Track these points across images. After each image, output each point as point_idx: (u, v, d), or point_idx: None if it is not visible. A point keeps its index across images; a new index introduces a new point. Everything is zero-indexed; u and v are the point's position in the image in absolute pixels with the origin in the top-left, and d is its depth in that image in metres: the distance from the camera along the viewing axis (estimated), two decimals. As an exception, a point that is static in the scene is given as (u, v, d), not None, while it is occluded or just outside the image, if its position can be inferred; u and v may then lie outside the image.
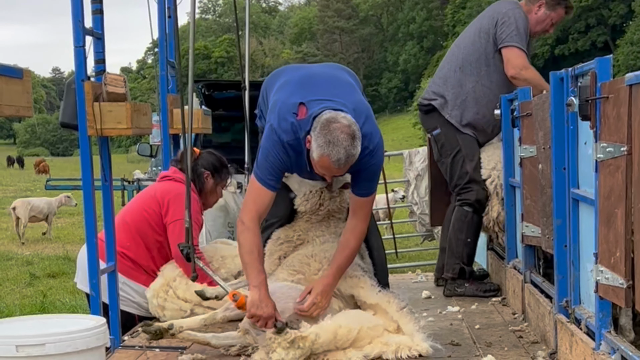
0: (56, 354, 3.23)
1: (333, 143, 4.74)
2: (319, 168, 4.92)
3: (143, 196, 6.37)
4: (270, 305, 4.90)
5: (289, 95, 5.05)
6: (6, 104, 3.64)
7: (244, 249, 5.00)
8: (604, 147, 3.81)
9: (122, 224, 6.08)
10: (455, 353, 5.04)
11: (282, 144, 4.94)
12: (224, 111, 12.06)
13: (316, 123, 4.84)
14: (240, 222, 5.04)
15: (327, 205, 5.50)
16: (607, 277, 3.83)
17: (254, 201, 5.05)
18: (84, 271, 5.80)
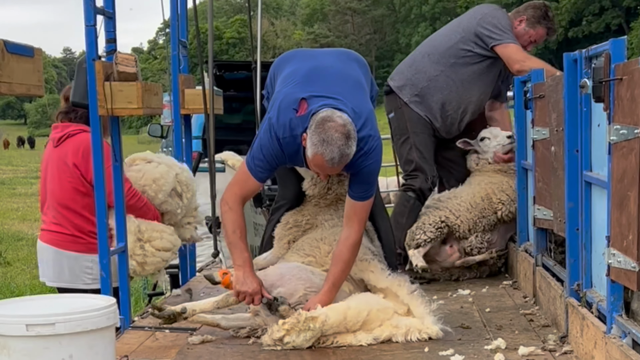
0: (66, 334, 3.23)
1: (327, 142, 4.71)
2: (313, 166, 4.91)
3: (55, 171, 5.72)
4: (255, 282, 4.97)
5: (293, 89, 5.04)
6: (17, 83, 3.63)
7: (228, 229, 5.10)
8: (617, 129, 3.78)
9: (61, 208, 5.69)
10: (466, 336, 5.03)
11: (278, 139, 4.94)
12: (235, 92, 12.04)
13: (312, 121, 4.82)
14: (224, 203, 5.10)
15: (335, 189, 5.49)
16: (619, 261, 3.81)
17: (240, 186, 5.11)
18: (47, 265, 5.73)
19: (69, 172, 5.65)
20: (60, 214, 5.70)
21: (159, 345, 5.01)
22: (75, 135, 5.69)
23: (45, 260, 5.79)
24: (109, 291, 5.12)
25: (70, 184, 5.66)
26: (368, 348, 4.82)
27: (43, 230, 5.83)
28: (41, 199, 5.88)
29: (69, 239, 5.69)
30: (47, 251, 5.75)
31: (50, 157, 5.80)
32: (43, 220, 5.87)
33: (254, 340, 5.01)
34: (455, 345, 4.78)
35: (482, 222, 6.85)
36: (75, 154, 5.63)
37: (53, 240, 5.72)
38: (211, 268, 7.55)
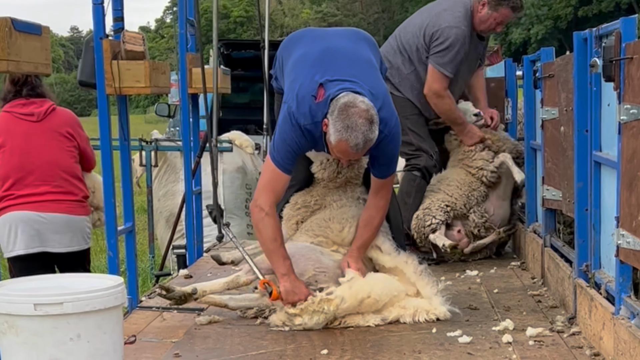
0: (74, 313, 3.23)
1: (351, 128, 4.69)
2: (336, 152, 4.87)
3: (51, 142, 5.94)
4: (303, 287, 4.94)
5: (308, 75, 4.97)
6: (25, 61, 3.61)
7: (267, 236, 4.96)
8: (627, 109, 3.76)
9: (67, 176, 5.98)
10: (473, 317, 5.02)
11: (300, 127, 4.88)
12: (243, 71, 12.01)
13: (333, 106, 4.77)
14: (258, 209, 4.95)
15: (345, 173, 5.46)
16: (628, 241, 3.79)
17: (271, 186, 4.99)
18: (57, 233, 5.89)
19: (67, 142, 5.99)
20: (68, 182, 5.94)
21: (166, 325, 5.02)
22: (55, 110, 6.04)
23: (45, 231, 5.86)
24: (117, 271, 5.12)
25: (71, 152, 6.02)
26: (376, 329, 4.82)
27: (42, 201, 5.86)
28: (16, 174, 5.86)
29: (77, 205, 5.99)
30: (54, 220, 5.87)
31: (33, 131, 5.88)
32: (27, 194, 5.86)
33: (261, 321, 5.01)
34: (463, 327, 4.77)
35: (474, 194, 6.83)
36: (68, 125, 6.04)
37: (65, 208, 5.91)
38: (218, 248, 7.56)
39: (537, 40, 51.09)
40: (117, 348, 3.38)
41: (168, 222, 9.60)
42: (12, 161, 5.87)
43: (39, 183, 5.86)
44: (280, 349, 4.48)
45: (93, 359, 3.28)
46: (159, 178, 10.16)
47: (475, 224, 6.81)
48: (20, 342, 3.23)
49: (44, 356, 3.22)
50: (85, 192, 6.11)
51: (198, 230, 7.15)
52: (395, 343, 4.55)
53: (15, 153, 5.87)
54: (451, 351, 4.37)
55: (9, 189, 5.87)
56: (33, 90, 5.97)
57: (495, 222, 6.90)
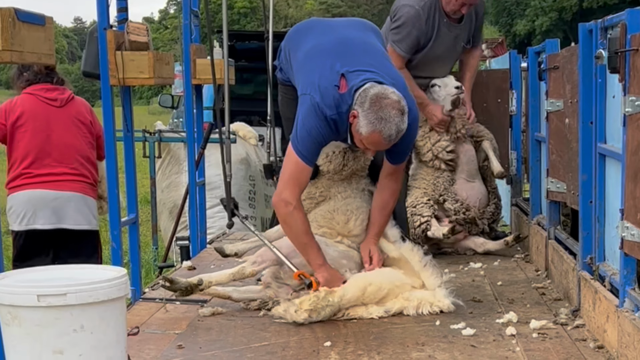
0: (77, 304, 3.22)
1: (385, 119, 4.71)
2: (367, 144, 4.87)
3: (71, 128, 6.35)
4: (338, 274, 5.00)
5: (327, 66, 4.96)
6: (28, 51, 3.60)
7: (299, 229, 4.97)
8: (632, 101, 3.75)
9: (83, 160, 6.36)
10: (477, 310, 5.01)
11: (326, 119, 4.86)
12: (247, 62, 11.99)
13: (363, 98, 4.77)
14: (284, 203, 4.94)
15: (351, 166, 5.44)
16: (632, 234, 3.78)
17: (296, 179, 4.97)
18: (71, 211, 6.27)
19: (86, 129, 6.40)
20: (83, 165, 6.33)
21: (169, 317, 5.02)
22: (74, 98, 6.45)
23: (62, 208, 6.24)
24: (120, 262, 5.12)
25: (87, 138, 6.40)
26: (379, 321, 4.81)
27: (60, 181, 6.24)
28: (36, 153, 6.21)
29: (89, 187, 6.39)
30: (72, 199, 6.26)
31: (54, 116, 6.28)
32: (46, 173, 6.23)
33: (264, 313, 5.01)
34: (467, 319, 4.76)
35: (440, 181, 6.81)
36: (87, 113, 6.46)
37: (80, 188, 6.31)
38: (222, 240, 7.56)
39: (541, 32, 50.94)
40: (121, 339, 3.38)
41: (171, 214, 9.61)
42: (33, 141, 6.22)
43: (56, 164, 6.25)
44: (284, 341, 4.48)
45: (96, 350, 3.27)
46: (163, 169, 10.17)
47: (454, 210, 6.76)
48: (24, 333, 3.23)
49: (47, 347, 3.21)
50: (96, 177, 6.50)
51: (201, 221, 7.15)
52: (399, 335, 4.55)
53: (37, 134, 6.23)
54: (455, 343, 4.36)
55: (28, 167, 6.23)
56: (50, 78, 6.35)
57: (472, 203, 6.84)
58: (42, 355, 3.22)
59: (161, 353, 4.29)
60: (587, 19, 5.19)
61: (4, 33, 3.40)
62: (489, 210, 6.94)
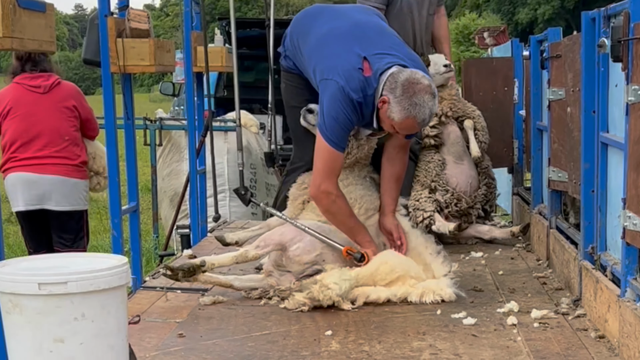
0: (78, 293, 3.21)
1: (420, 105, 4.78)
2: (400, 129, 4.93)
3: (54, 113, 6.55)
4: None
5: (347, 50, 4.96)
6: (29, 38, 3.59)
7: (344, 214, 5.09)
8: (635, 90, 3.73)
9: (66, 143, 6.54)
10: (478, 299, 5.01)
11: (353, 103, 4.88)
12: (248, 50, 11.96)
13: (393, 84, 4.80)
14: (325, 194, 5.01)
15: (355, 154, 5.43)
16: (634, 223, 3.77)
17: (331, 168, 5.00)
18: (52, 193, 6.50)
19: (69, 113, 6.56)
20: (67, 149, 6.53)
21: (170, 305, 5.01)
22: (61, 83, 6.64)
23: (44, 190, 6.49)
24: (120, 250, 5.11)
25: (71, 122, 6.59)
26: (380, 310, 4.81)
27: (41, 164, 6.48)
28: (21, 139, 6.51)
29: (73, 169, 6.57)
30: (51, 181, 6.48)
31: (38, 102, 6.53)
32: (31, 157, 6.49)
33: (265, 302, 5.00)
34: (468, 308, 4.76)
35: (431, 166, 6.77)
36: (73, 97, 6.63)
37: (64, 171, 6.51)
38: (222, 229, 7.55)
39: (544, 21, 50.86)
40: (121, 328, 3.37)
41: (172, 202, 9.60)
42: (19, 127, 6.53)
43: (41, 148, 6.49)
44: (285, 330, 4.47)
45: (97, 338, 3.26)
46: (163, 157, 10.16)
47: (445, 203, 6.73)
48: (25, 321, 3.22)
49: (48, 335, 3.21)
50: (83, 158, 6.67)
51: (202, 210, 7.14)
52: (400, 324, 4.54)
53: (22, 120, 6.53)
54: (456, 333, 4.36)
55: (15, 151, 6.55)
56: (35, 66, 6.58)
57: (462, 189, 6.80)
58: (42, 344, 3.21)
59: (162, 342, 4.29)
60: (589, 7, 5.17)
61: (4, 20, 3.39)
62: (481, 193, 6.86)
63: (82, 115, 6.65)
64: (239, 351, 4.12)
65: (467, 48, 45.96)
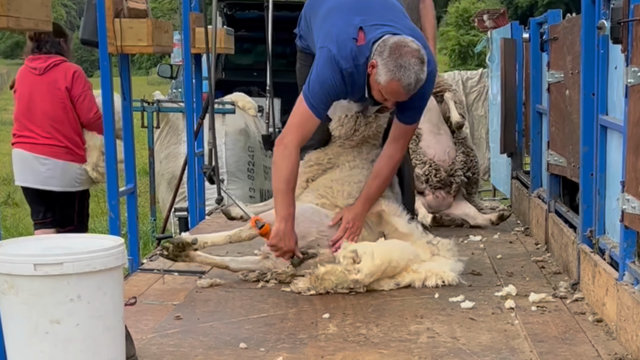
0: (74, 274, 3.20)
1: (404, 67, 4.67)
2: (386, 94, 4.82)
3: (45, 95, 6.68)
4: (292, 240, 4.90)
5: (346, 21, 4.93)
6: (25, 17, 3.55)
7: (282, 175, 4.88)
8: (635, 72, 3.71)
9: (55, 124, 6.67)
10: (476, 282, 5.00)
11: (342, 71, 4.82)
12: (246, 32, 11.91)
13: (382, 47, 4.74)
14: (283, 146, 4.89)
15: (362, 131, 5.40)
16: (633, 206, 3.75)
17: (301, 126, 4.91)
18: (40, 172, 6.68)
19: (60, 95, 6.64)
20: (57, 130, 6.65)
21: (167, 288, 5.00)
22: (60, 65, 6.69)
23: (35, 169, 6.70)
24: (117, 232, 5.10)
25: (62, 104, 6.65)
26: (378, 293, 4.79)
27: (33, 143, 6.67)
28: (20, 118, 6.78)
29: (62, 150, 6.67)
30: (42, 161, 6.65)
31: (34, 84, 6.70)
32: (27, 136, 6.72)
33: (262, 284, 4.99)
34: (466, 292, 4.75)
35: None
36: (65, 79, 6.63)
37: (52, 152, 6.65)
38: (220, 212, 7.53)
39: (543, 4, 50.71)
40: (118, 309, 3.36)
41: (170, 185, 9.57)
42: (20, 106, 6.82)
43: (34, 128, 6.69)
44: (282, 313, 4.46)
45: (93, 319, 3.25)
46: (161, 140, 10.12)
47: (425, 176, 6.70)
48: (20, 302, 3.21)
49: (44, 316, 3.20)
50: (76, 141, 6.74)
51: (200, 192, 7.12)
52: (397, 308, 4.53)
53: (22, 100, 6.80)
54: (453, 316, 4.35)
55: (17, 129, 6.84)
56: (39, 48, 6.72)
57: (440, 158, 6.76)
58: (38, 325, 3.20)
59: (159, 324, 4.28)
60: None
61: (0, -2, 3.36)
62: (459, 160, 6.84)
63: (72, 97, 6.69)
64: (236, 334, 4.11)
65: (466, 32, 45.89)
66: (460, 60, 45.67)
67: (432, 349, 3.84)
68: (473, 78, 12.49)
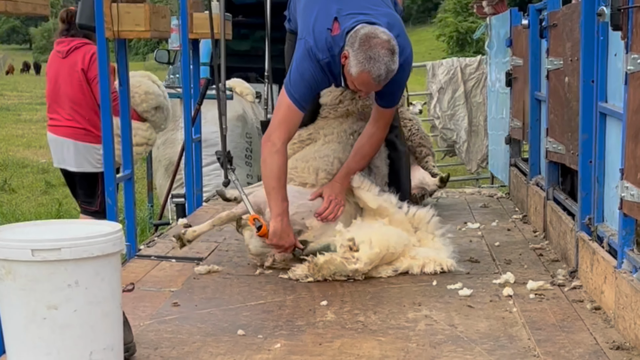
0: (72, 259, 3.19)
1: (374, 59, 4.66)
2: (358, 84, 4.82)
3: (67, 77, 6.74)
4: (291, 235, 4.92)
5: (324, 10, 4.93)
6: (23, 1, 3.53)
7: (272, 173, 4.90)
8: (635, 59, 3.69)
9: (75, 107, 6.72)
10: (474, 270, 4.99)
11: (319, 62, 4.84)
12: (244, 17, 11.85)
13: (353, 38, 4.73)
14: (270, 143, 4.91)
15: (346, 105, 5.44)
16: (632, 194, 3.75)
17: (286, 122, 4.93)
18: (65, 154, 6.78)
19: (78, 77, 6.66)
20: (76, 112, 6.70)
21: (165, 274, 5.00)
22: (81, 47, 6.72)
23: (61, 151, 6.80)
24: (115, 218, 5.09)
25: (80, 86, 6.67)
26: (376, 281, 4.79)
27: (58, 126, 6.80)
28: (49, 101, 6.93)
29: (82, 132, 6.70)
30: (66, 143, 6.74)
31: (59, 67, 6.79)
32: (54, 118, 6.85)
33: (260, 271, 4.98)
34: (464, 279, 4.75)
35: None
36: (83, 61, 6.64)
37: (72, 134, 6.72)
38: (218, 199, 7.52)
39: (542, -8, 50.59)
40: (115, 295, 3.35)
41: (167, 171, 9.55)
42: (48, 89, 6.97)
43: (60, 110, 6.79)
44: (280, 300, 4.46)
45: (91, 305, 3.24)
46: (159, 126, 10.08)
47: None
48: (18, 287, 3.20)
49: (42, 302, 3.19)
50: (93, 122, 6.61)
51: (197, 179, 7.11)
52: (395, 295, 4.53)
53: (50, 83, 6.94)
54: (451, 304, 4.35)
55: (48, 111, 6.99)
56: (67, 31, 6.82)
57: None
58: (36, 310, 3.19)
59: (156, 310, 4.27)
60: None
61: (-3, -18, 3.34)
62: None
63: (88, 79, 6.68)
64: (234, 320, 4.10)
65: (465, 18, 45.79)
66: (459, 47, 45.62)
67: (430, 336, 3.84)
68: (471, 65, 12.46)
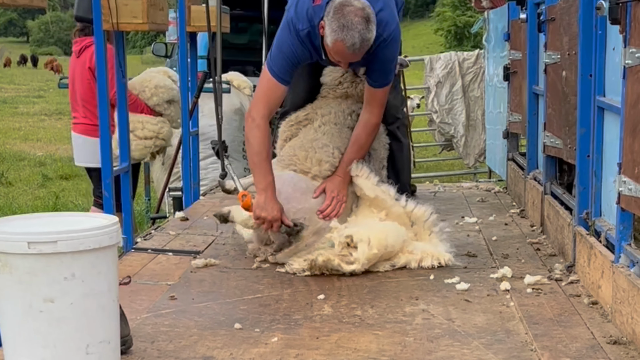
0: (68, 252, 3.18)
1: (347, 27, 4.60)
2: (334, 54, 4.78)
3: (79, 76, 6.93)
4: (276, 208, 4.85)
5: None
6: (19, -6, 3.53)
7: (253, 148, 4.88)
8: (633, 53, 3.68)
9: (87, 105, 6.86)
10: (472, 264, 4.99)
11: (297, 33, 4.81)
12: (242, 11, 11.84)
13: (329, 8, 4.69)
14: (250, 119, 4.90)
15: (346, 87, 5.43)
16: (630, 188, 3.74)
17: (266, 96, 4.91)
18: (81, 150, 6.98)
19: (87, 75, 6.81)
20: (87, 110, 6.83)
21: (162, 268, 4.99)
22: (90, 46, 6.68)
23: (78, 147, 7.01)
24: (112, 211, 5.08)
25: (89, 84, 6.78)
26: (373, 275, 4.78)
27: (76, 124, 7.04)
28: (70, 100, 7.14)
29: (93, 128, 6.57)
30: (79, 139, 6.98)
31: (75, 66, 7.01)
32: (74, 117, 7.08)
33: (257, 265, 4.98)
34: (461, 273, 4.74)
35: None
36: (90, 59, 6.68)
37: (84, 130, 6.91)
38: (215, 192, 7.52)
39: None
40: (112, 288, 3.34)
41: (164, 164, 9.54)
42: (69, 90, 7.16)
43: (78, 108, 6.99)
44: (277, 294, 4.45)
45: (87, 298, 3.23)
46: (156, 119, 10.06)
47: None
48: (15, 280, 3.19)
49: (38, 295, 3.18)
50: None
51: (195, 172, 7.10)
52: (393, 289, 4.52)
53: (70, 83, 7.13)
54: (448, 298, 4.34)
55: (70, 109, 7.24)
56: (82, 30, 6.89)
57: None
58: (32, 303, 3.18)
59: (153, 304, 4.27)
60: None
61: (-6, -25, 3.33)
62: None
63: (95, 76, 6.67)
64: (231, 314, 4.10)
65: (463, 12, 45.78)
66: (457, 41, 45.62)
67: (427, 330, 3.84)
68: (469, 59, 12.45)
